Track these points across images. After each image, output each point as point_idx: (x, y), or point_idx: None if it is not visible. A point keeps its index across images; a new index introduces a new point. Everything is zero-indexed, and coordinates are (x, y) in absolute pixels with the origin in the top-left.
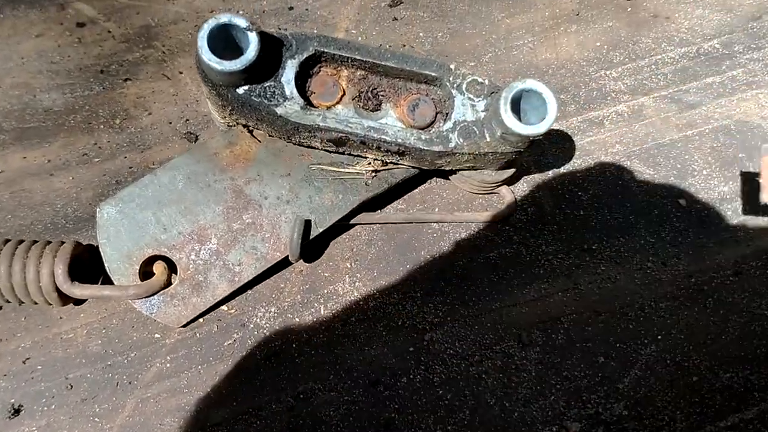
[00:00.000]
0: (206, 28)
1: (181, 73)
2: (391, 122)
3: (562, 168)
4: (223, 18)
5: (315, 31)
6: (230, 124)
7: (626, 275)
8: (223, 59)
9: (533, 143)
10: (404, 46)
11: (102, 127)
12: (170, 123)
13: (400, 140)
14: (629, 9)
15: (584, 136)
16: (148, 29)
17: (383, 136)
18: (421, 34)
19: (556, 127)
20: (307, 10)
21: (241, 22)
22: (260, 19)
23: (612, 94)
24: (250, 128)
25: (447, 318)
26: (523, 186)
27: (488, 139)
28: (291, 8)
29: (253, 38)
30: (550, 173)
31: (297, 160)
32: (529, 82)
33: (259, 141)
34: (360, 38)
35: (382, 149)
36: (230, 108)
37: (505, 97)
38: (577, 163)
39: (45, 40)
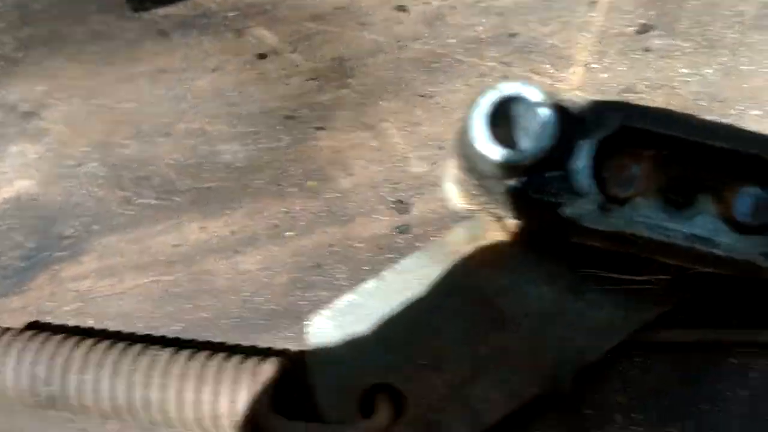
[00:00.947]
0: (484, 104)
1: (384, 121)
2: (711, 223)
3: None
4: (509, 88)
5: (617, 100)
6: (473, 209)
7: None
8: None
9: None
10: (662, 86)
11: (293, 190)
12: (374, 187)
13: (737, 256)
14: None
15: None
16: (340, 62)
17: (713, 250)
18: (683, 69)
19: None
20: (533, 37)
21: (534, 94)
22: (476, 49)
23: None
24: (501, 216)
25: None
26: None
27: None
28: (513, 35)
29: (549, 117)
30: None
31: (563, 262)
32: None
33: (514, 234)
34: (604, 75)
35: (691, 257)
36: (487, 199)
37: None
38: None
39: (222, 75)
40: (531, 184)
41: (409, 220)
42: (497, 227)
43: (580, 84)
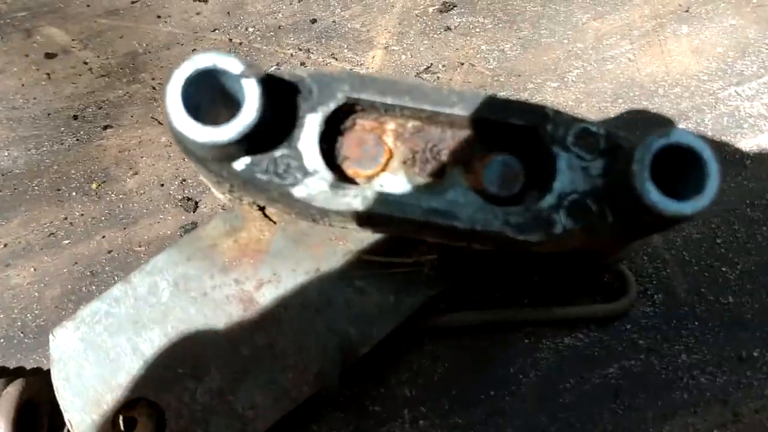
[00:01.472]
0: (178, 78)
1: None
2: (461, 196)
3: (695, 232)
4: (205, 60)
5: (345, 66)
6: (232, 200)
7: None
8: (213, 118)
9: (677, 223)
10: (462, 64)
11: (74, 194)
12: (162, 185)
13: (478, 227)
14: (754, 1)
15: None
16: (134, 57)
17: (453, 223)
18: (483, 46)
19: None
20: (334, 22)
21: (233, 66)
22: (275, 37)
23: (750, 120)
24: (261, 205)
25: None
26: (644, 262)
27: (611, 220)
28: (314, 21)
29: (252, 90)
30: (679, 240)
31: (328, 248)
32: (675, 134)
33: (274, 222)
34: (404, 56)
35: (452, 235)
36: (228, 185)
37: (640, 160)
38: (714, 223)
39: (5, 78)
40: (258, 165)
41: (197, 218)
42: (257, 217)
43: (379, 67)
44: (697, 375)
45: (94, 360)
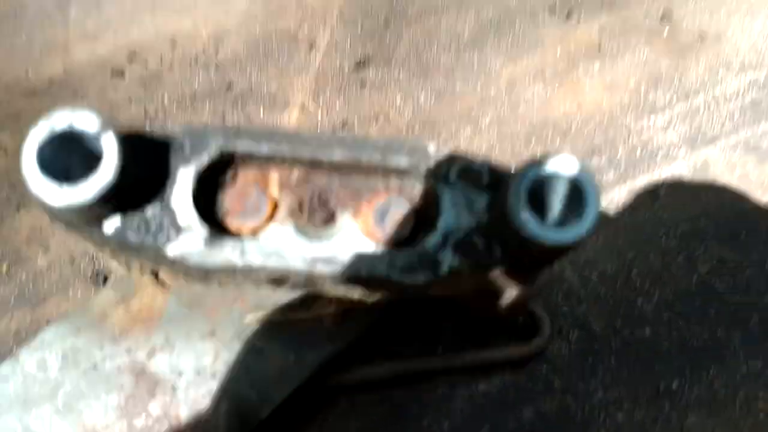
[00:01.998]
0: (33, 138)
1: None
2: (352, 241)
3: (610, 266)
4: (60, 119)
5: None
6: (123, 266)
7: (728, 426)
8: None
9: (565, 253)
10: (377, 117)
11: None
12: (73, 262)
13: (364, 273)
14: (665, 33)
15: (634, 216)
16: None
17: (337, 269)
18: (398, 99)
19: None
20: (250, 86)
21: (90, 123)
22: (191, 105)
23: (663, 149)
24: (155, 270)
25: None
26: (559, 300)
27: (498, 255)
28: (230, 86)
29: (110, 146)
30: (594, 276)
31: (225, 310)
32: (551, 162)
33: (168, 287)
34: (320, 114)
35: (341, 285)
36: (108, 249)
37: (515, 192)
38: (629, 256)
39: None
40: (129, 226)
41: None
42: (149, 282)
43: (296, 125)
44: (614, 412)
45: None
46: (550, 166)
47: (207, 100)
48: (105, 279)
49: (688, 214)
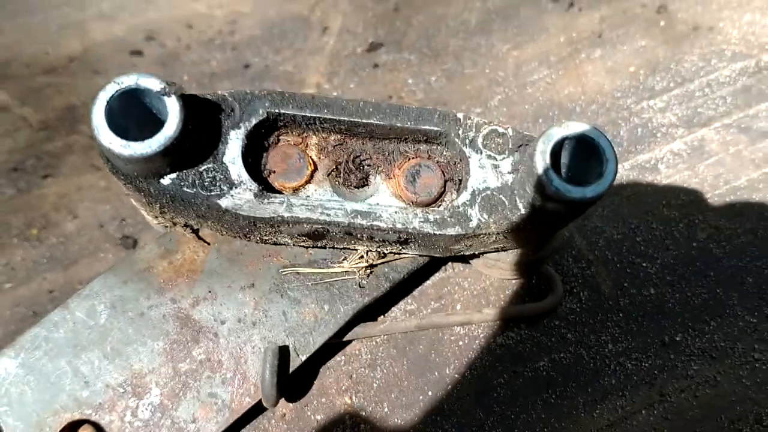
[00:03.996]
0: (103, 97)
1: None
2: (385, 201)
3: (616, 233)
4: (128, 80)
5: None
6: (166, 224)
7: (728, 374)
8: (138, 138)
9: (584, 209)
10: (390, 97)
11: (15, 240)
12: (101, 226)
13: (399, 225)
14: (662, 23)
15: (637, 188)
16: (72, 111)
17: (376, 223)
18: (410, 80)
19: None
20: (267, 66)
21: (153, 84)
22: (210, 83)
23: (662, 130)
24: (194, 227)
25: None
26: (570, 263)
27: (523, 211)
28: (247, 66)
29: (173, 106)
30: (601, 242)
31: (262, 264)
32: (572, 126)
33: (208, 243)
34: (335, 93)
35: (376, 239)
36: (158, 205)
37: (542, 151)
38: (633, 224)
39: None
40: (185, 180)
41: None
42: (191, 239)
43: None
44: (624, 361)
45: (35, 384)
46: (572, 129)
47: (225, 79)
48: (135, 242)
49: (687, 187)
